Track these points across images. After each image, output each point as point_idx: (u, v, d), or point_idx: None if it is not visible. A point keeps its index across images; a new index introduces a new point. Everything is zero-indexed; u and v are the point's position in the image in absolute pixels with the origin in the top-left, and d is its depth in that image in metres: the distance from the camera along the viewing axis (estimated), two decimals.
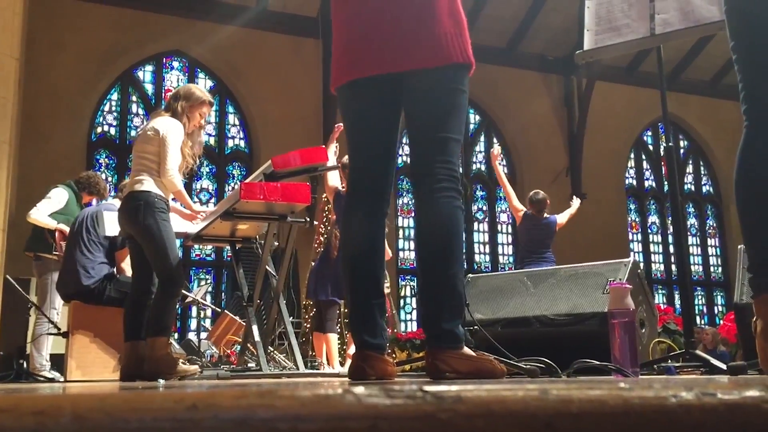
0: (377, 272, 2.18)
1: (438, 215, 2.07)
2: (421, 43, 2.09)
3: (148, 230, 3.53)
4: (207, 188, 10.24)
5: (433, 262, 2.08)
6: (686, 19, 2.74)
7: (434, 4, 2.11)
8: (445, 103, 2.11)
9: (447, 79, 2.11)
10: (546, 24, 11.07)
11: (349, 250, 2.21)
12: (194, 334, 8.33)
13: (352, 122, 2.26)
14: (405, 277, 10.91)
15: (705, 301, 12.88)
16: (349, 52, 2.19)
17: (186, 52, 10.16)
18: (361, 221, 2.19)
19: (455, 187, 2.10)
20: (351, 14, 2.21)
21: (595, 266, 3.35)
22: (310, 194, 4.04)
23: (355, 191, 2.23)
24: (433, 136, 2.11)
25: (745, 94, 1.73)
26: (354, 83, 2.19)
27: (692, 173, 13.31)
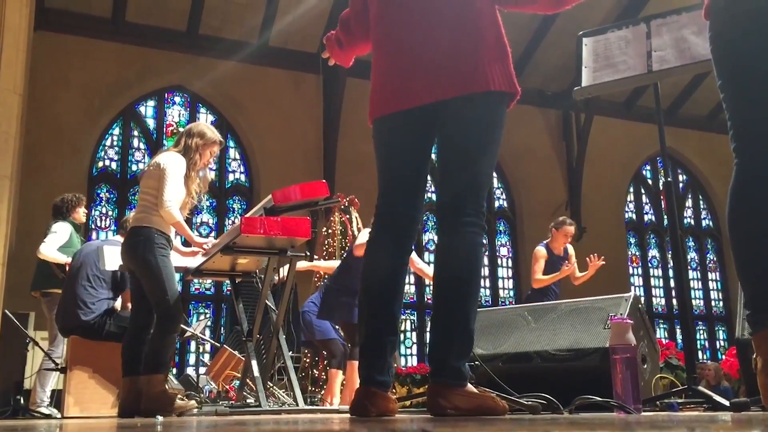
0: (395, 310, 2.13)
1: (461, 250, 2.05)
2: (460, 70, 2.07)
3: (147, 265, 3.54)
4: (207, 222, 10.26)
5: (449, 296, 2.05)
6: (682, 56, 2.78)
7: (481, 31, 2.11)
8: (479, 136, 2.09)
9: (483, 109, 2.08)
10: (544, 60, 11.19)
11: (370, 282, 2.16)
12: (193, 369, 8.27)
13: (386, 155, 2.22)
14: (405, 311, 10.86)
15: (707, 335, 12.80)
16: (389, 85, 2.17)
17: (188, 87, 10.26)
18: (386, 256, 2.15)
19: (480, 223, 2.08)
20: (394, 41, 2.18)
21: (596, 301, 3.34)
22: (311, 228, 4.04)
23: (382, 225, 2.20)
24: (468, 168, 2.08)
25: (733, 132, 1.76)
26: (392, 116, 2.16)
27: (692, 207, 13.34)
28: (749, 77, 1.75)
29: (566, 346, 3.16)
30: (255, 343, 4.24)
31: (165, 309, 3.52)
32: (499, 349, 3.39)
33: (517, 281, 11.68)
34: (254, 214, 4.15)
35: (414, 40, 2.13)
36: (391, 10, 2.20)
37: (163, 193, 3.58)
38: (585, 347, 3.10)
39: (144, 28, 9.71)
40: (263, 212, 4.05)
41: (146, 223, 3.60)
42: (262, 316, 4.30)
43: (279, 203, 4.02)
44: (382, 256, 2.15)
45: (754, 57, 1.74)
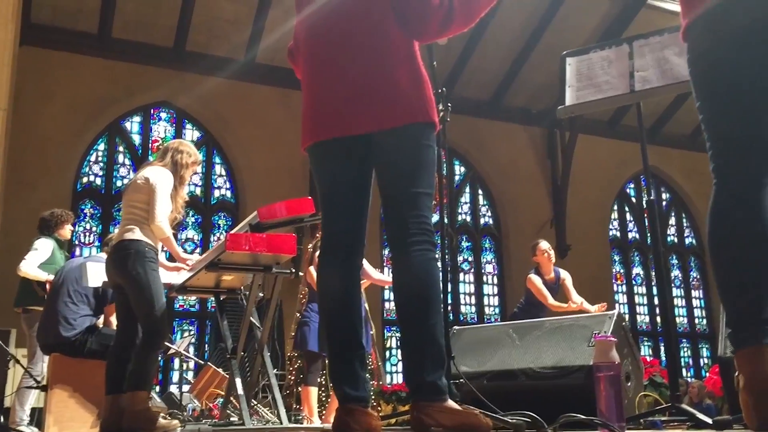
0: (355, 324, 2.19)
1: (413, 269, 2.10)
2: (382, 105, 2.14)
3: (137, 279, 3.51)
4: (192, 238, 10.21)
5: (411, 314, 2.10)
6: (664, 76, 2.82)
7: (393, 67, 2.16)
8: (412, 160, 2.15)
9: (413, 136, 2.15)
10: (529, 78, 11.30)
11: (326, 304, 2.23)
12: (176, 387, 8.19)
13: (323, 181, 2.29)
14: (390, 328, 10.84)
15: (691, 353, 12.86)
16: (315, 114, 2.26)
17: (174, 103, 10.25)
18: (335, 277, 2.21)
19: (429, 240, 2.13)
20: (315, 77, 2.27)
21: (581, 318, 3.35)
22: (296, 245, 4.04)
23: (328, 248, 2.26)
24: (403, 192, 2.15)
25: (712, 153, 1.79)
26: (322, 144, 2.23)
27: (675, 225, 13.45)
28: (727, 98, 1.79)
29: (551, 363, 3.17)
30: (239, 360, 4.22)
31: (152, 323, 3.50)
32: (484, 367, 3.39)
33: (502, 299, 11.70)
34: (239, 231, 4.14)
35: (333, 76, 2.21)
36: (313, 47, 2.29)
37: (155, 207, 3.57)
38: (569, 365, 3.10)
39: (130, 44, 9.71)
40: (248, 229, 4.04)
41: (136, 236, 3.58)
42: (246, 333, 4.28)
43: (264, 220, 4.02)
44: (332, 277, 2.21)
45: (732, 78, 1.78)
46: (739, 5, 1.74)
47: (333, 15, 2.24)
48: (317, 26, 2.29)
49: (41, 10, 9.21)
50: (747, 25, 1.74)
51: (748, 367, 1.66)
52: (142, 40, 9.76)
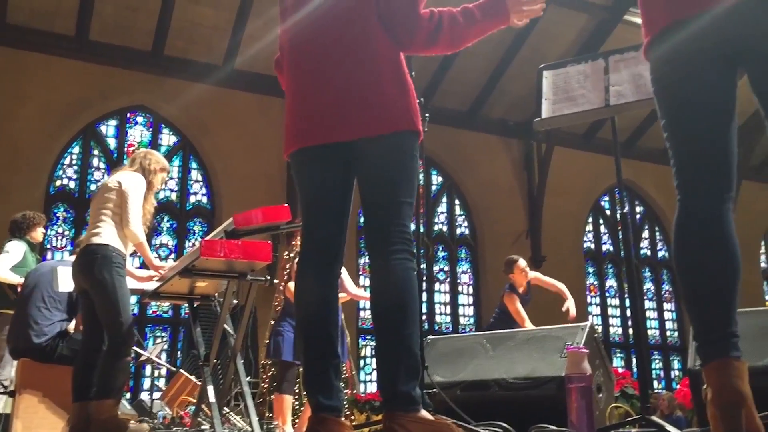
0: (332, 333, 2.18)
1: (392, 278, 2.10)
2: (367, 113, 2.14)
3: (102, 284, 3.46)
4: (167, 244, 10.12)
5: (388, 324, 2.09)
6: (639, 91, 2.87)
7: (379, 75, 2.17)
8: (396, 168, 2.16)
9: (396, 144, 2.15)
10: (507, 90, 11.39)
11: (303, 312, 2.22)
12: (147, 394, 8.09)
13: (305, 188, 2.29)
14: (366, 337, 10.81)
15: (662, 365, 12.99)
16: (299, 121, 2.25)
17: (151, 107, 10.18)
18: (314, 284, 2.21)
19: (408, 249, 2.14)
20: (299, 82, 2.27)
21: (554, 330, 3.38)
22: (272, 252, 4.02)
23: (307, 255, 2.25)
24: (385, 200, 2.15)
25: (676, 170, 1.84)
26: (304, 150, 2.23)
27: (648, 238, 13.60)
28: (685, 117, 1.84)
29: (524, 374, 3.19)
30: (212, 367, 4.18)
31: (117, 331, 3.45)
32: (457, 377, 3.40)
33: (477, 308, 11.73)
34: (214, 237, 4.11)
35: (317, 84, 2.21)
36: (297, 56, 2.29)
37: (128, 211, 3.54)
38: (542, 376, 3.13)
39: (108, 47, 9.63)
40: (224, 235, 4.01)
41: (103, 240, 3.54)
42: (219, 340, 4.24)
43: (240, 227, 3.99)
44: (311, 283, 2.21)
45: (687, 98, 1.83)
46: (690, 27, 1.79)
47: (318, 24, 2.24)
48: (302, 35, 2.29)
49: (17, 11, 9.10)
50: (696, 47, 1.78)
51: (716, 380, 1.68)
52: (120, 43, 9.69)
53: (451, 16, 2.22)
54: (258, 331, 7.97)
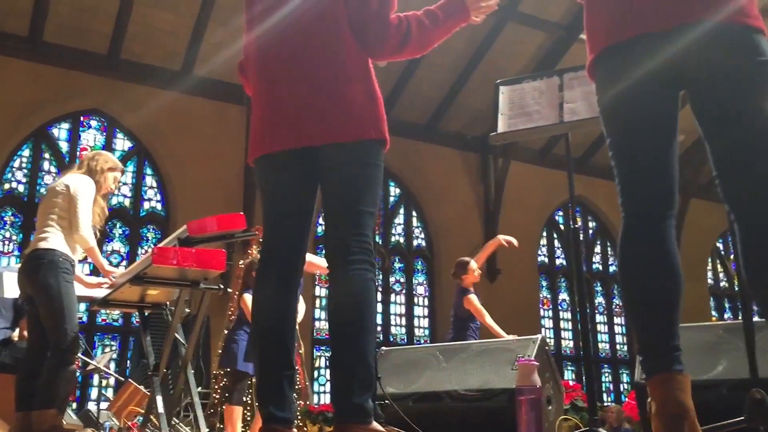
0: (288, 343, 2.16)
1: (351, 288, 2.09)
2: (335, 119, 2.14)
3: (48, 290, 3.37)
4: (119, 251, 9.92)
5: (345, 334, 2.08)
6: (591, 109, 2.92)
7: (348, 81, 2.17)
8: (359, 177, 2.16)
9: (362, 153, 2.16)
10: (465, 104, 11.51)
11: (261, 320, 2.19)
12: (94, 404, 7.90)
13: (268, 194, 2.27)
14: (320, 348, 10.76)
15: (611, 378, 13.20)
16: (265, 126, 2.24)
17: (105, 111, 10.00)
18: (274, 292, 2.18)
19: (368, 259, 2.13)
20: (267, 88, 2.26)
21: (506, 342, 3.42)
22: (226, 261, 3.98)
23: (268, 262, 2.23)
24: (348, 209, 2.14)
25: (620, 188, 1.90)
26: (269, 156, 2.22)
27: (600, 253, 13.84)
28: (625, 136, 1.90)
29: (476, 386, 3.21)
30: (162, 377, 4.10)
31: (62, 338, 3.36)
32: (410, 389, 3.40)
33: (432, 320, 11.78)
34: (168, 245, 4.05)
35: (285, 89, 2.21)
36: (265, 60, 2.28)
37: (77, 216, 3.46)
38: (493, 388, 3.15)
39: (63, 49, 9.44)
40: (177, 243, 3.96)
41: (50, 245, 3.45)
42: (170, 349, 4.17)
43: (194, 234, 3.94)
44: (270, 291, 2.19)
45: (626, 118, 1.89)
46: (631, 49, 1.84)
47: (287, 30, 2.23)
48: (270, 40, 2.28)
49: None
50: (638, 69, 1.84)
51: (659, 393, 1.72)
52: (75, 45, 9.50)
53: (418, 20, 2.25)
54: (211, 340, 7.86)
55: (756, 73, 1.76)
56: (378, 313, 2.76)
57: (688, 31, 1.76)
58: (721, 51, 1.76)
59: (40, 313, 3.42)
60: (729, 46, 1.76)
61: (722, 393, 2.63)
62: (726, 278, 14.64)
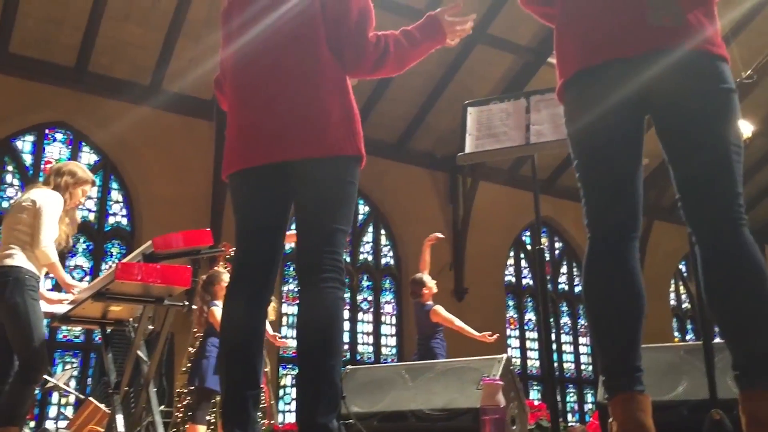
0: (255, 362, 2.14)
1: (321, 306, 2.08)
2: (312, 134, 2.14)
3: (15, 309, 3.32)
4: (82, 266, 9.75)
5: (313, 352, 2.07)
6: (557, 131, 2.97)
7: (326, 97, 2.17)
8: (334, 194, 2.15)
9: (337, 170, 2.15)
10: (435, 124, 11.60)
11: (228, 337, 2.17)
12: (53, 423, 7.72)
13: (241, 210, 2.26)
14: (286, 366, 10.66)
15: (576, 398, 13.28)
16: (241, 141, 2.22)
17: (71, 124, 9.87)
18: (243, 308, 2.16)
19: (339, 278, 2.13)
20: (244, 103, 2.25)
21: (471, 361, 3.42)
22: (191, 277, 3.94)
23: (239, 278, 2.22)
24: (321, 226, 2.13)
25: (586, 210, 1.94)
26: (245, 171, 2.20)
27: (566, 273, 13.98)
28: (590, 160, 1.93)
29: (441, 405, 3.21)
30: (122, 396, 4.03)
31: (29, 357, 3.30)
32: (375, 408, 3.39)
33: (400, 339, 11.75)
34: (132, 260, 3.99)
35: (262, 104, 2.20)
36: (242, 75, 2.29)
37: (40, 231, 3.40)
38: (458, 407, 3.15)
39: (29, 61, 9.31)
40: (141, 258, 3.90)
41: (16, 262, 3.39)
42: (132, 367, 4.10)
43: (159, 250, 3.89)
44: (240, 307, 2.16)
45: (592, 142, 1.92)
46: (600, 73, 1.88)
47: (265, 45, 2.23)
48: (247, 55, 2.27)
49: None
50: (606, 93, 1.88)
51: (621, 413, 1.74)
52: (42, 57, 9.38)
53: (396, 40, 2.27)
54: (175, 357, 7.74)
55: (720, 100, 1.81)
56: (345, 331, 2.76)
57: (657, 58, 1.81)
58: (687, 77, 1.81)
59: (7, 331, 3.36)
60: (695, 73, 1.81)
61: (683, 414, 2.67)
62: (688, 299, 14.87)
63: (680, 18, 1.80)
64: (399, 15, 9.04)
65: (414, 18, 2.40)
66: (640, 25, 1.82)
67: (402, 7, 9.29)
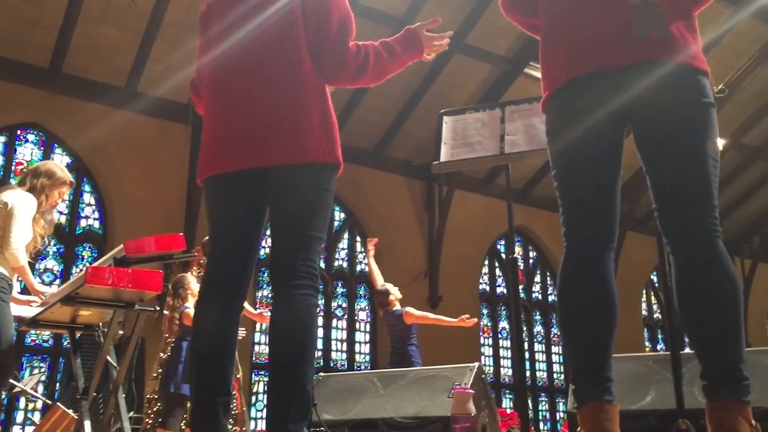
0: (227, 368, 2.12)
1: (294, 312, 2.07)
2: (289, 140, 2.14)
3: None
4: (52, 269, 9.61)
5: (284, 359, 2.06)
6: (531, 142, 3.00)
7: (305, 104, 2.18)
8: (310, 201, 2.15)
9: (313, 177, 2.16)
10: (412, 132, 11.63)
11: (200, 342, 2.15)
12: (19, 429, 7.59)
13: (216, 215, 2.25)
14: (259, 372, 10.58)
15: (548, 407, 13.35)
16: (216, 145, 2.22)
17: (44, 125, 9.74)
18: (216, 314, 2.15)
19: (313, 284, 2.12)
20: (221, 107, 2.24)
21: (443, 369, 3.43)
22: (163, 282, 3.90)
23: (212, 283, 2.20)
24: (296, 232, 2.13)
25: (564, 219, 1.96)
26: (220, 176, 2.19)
27: (540, 282, 14.06)
28: (570, 172, 1.95)
29: (412, 413, 3.21)
30: (90, 401, 3.97)
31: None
32: (346, 415, 3.38)
33: (373, 346, 11.74)
34: (103, 264, 3.95)
35: (239, 108, 2.21)
36: (220, 79, 2.29)
37: (11, 234, 3.35)
38: (429, 415, 3.16)
39: (1, 61, 9.17)
40: (113, 262, 3.86)
41: None
42: (101, 372, 4.05)
43: (131, 254, 3.86)
44: (211, 313, 2.15)
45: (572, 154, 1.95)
46: (587, 84, 1.91)
47: (244, 50, 2.23)
48: (226, 61, 2.27)
49: None
50: (592, 104, 1.90)
51: (589, 422, 1.76)
52: (15, 57, 9.25)
53: (376, 50, 2.29)
54: (145, 363, 7.65)
55: (700, 113, 1.84)
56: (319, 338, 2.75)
57: (642, 69, 1.84)
58: (670, 90, 1.84)
59: None
60: (678, 86, 1.84)
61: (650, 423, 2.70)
62: (659, 310, 15.04)
63: (666, 30, 1.82)
64: (379, 23, 9.09)
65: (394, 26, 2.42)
66: (626, 37, 1.85)
67: (382, 15, 9.32)
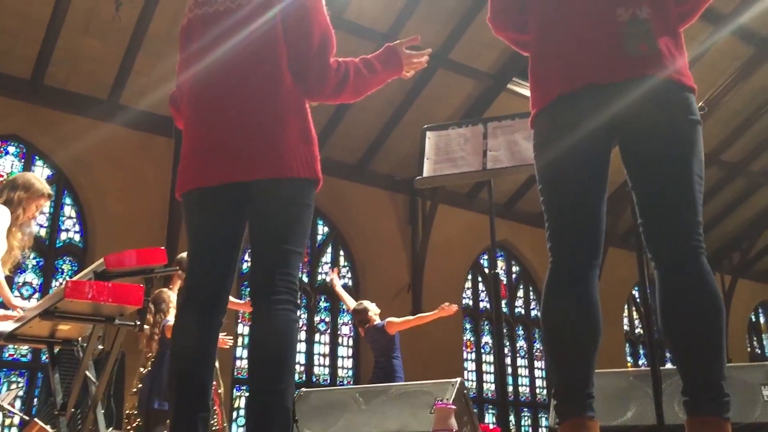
0: (206, 384, 2.11)
1: (274, 327, 2.07)
2: (268, 155, 2.14)
3: None
4: (31, 282, 9.50)
5: (264, 374, 2.06)
6: (513, 157, 3.02)
7: (286, 119, 2.18)
8: (289, 216, 2.15)
9: (294, 192, 2.16)
10: (395, 147, 11.67)
11: (179, 357, 2.15)
12: None
13: (195, 229, 2.25)
14: (240, 388, 10.49)
15: (531, 422, 13.34)
16: (196, 159, 2.22)
17: (25, 137, 9.66)
18: (195, 328, 2.14)
19: (293, 299, 2.12)
20: (201, 121, 2.24)
21: (425, 385, 3.43)
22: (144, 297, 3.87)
23: (191, 297, 2.19)
24: (276, 247, 2.13)
25: (549, 234, 1.96)
26: (199, 191, 2.19)
27: (523, 297, 14.10)
28: (557, 187, 1.96)
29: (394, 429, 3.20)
30: (68, 417, 3.92)
31: None
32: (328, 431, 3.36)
33: (356, 360, 11.69)
34: (83, 278, 3.91)
35: (220, 123, 2.21)
36: (201, 94, 2.29)
37: None
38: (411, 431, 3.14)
39: None
40: (93, 276, 3.82)
41: None
42: (80, 387, 4.00)
43: (112, 268, 3.82)
44: (191, 328, 2.15)
45: (567, 169, 1.95)
46: (577, 100, 1.92)
47: (225, 65, 2.23)
48: (207, 75, 2.27)
49: None
50: (581, 120, 1.92)
51: None
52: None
53: (356, 67, 2.31)
54: (125, 378, 7.56)
55: (686, 130, 1.86)
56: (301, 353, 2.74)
57: (632, 85, 1.86)
58: (658, 106, 1.86)
59: None
60: (666, 102, 1.86)
61: None
62: (641, 325, 15.12)
63: (655, 47, 1.85)
64: (364, 38, 9.13)
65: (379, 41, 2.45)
66: (616, 53, 1.87)
67: (366, 31, 9.36)
